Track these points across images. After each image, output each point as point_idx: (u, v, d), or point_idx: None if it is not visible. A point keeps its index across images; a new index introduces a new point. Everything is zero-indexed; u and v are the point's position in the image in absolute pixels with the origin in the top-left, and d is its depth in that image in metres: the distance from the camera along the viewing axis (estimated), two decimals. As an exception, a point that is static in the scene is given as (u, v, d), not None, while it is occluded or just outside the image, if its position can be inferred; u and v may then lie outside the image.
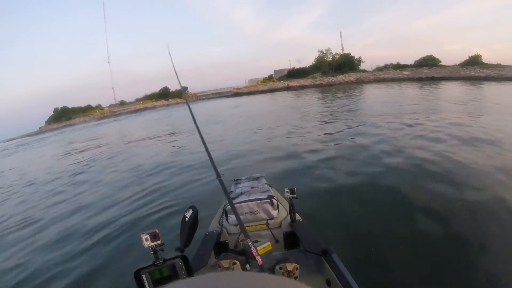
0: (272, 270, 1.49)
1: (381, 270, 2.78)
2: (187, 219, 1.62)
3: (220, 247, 2.13)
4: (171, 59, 3.07)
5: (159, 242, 1.36)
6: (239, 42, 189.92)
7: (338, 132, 9.36)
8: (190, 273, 1.38)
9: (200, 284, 0.38)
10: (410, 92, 22.59)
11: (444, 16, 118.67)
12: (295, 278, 1.47)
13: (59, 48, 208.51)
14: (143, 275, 1.30)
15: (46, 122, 71.82)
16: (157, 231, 1.37)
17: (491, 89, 21.28)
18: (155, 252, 1.35)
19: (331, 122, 11.34)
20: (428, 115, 10.38)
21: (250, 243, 1.49)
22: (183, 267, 1.37)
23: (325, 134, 9.31)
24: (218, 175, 1.93)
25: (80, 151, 15.22)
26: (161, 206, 5.11)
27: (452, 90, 21.80)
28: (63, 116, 68.74)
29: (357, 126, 9.81)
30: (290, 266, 1.47)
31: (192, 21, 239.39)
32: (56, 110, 72.65)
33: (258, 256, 1.39)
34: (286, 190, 2.18)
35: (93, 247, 4.13)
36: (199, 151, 9.16)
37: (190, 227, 1.61)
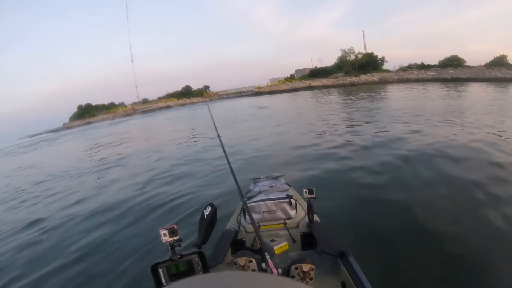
0: (287, 270, 1.51)
1: (398, 277, 2.74)
2: (205, 216, 1.62)
3: (237, 245, 2.16)
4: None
5: (177, 237, 1.39)
6: (260, 40, 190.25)
7: (361, 134, 9.31)
8: (206, 269, 1.40)
9: (200, 284, 0.38)
10: (436, 94, 21.92)
11: (469, 15, 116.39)
12: (311, 279, 1.51)
13: (84, 46, 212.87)
14: (160, 270, 1.33)
15: (70, 118, 73.69)
16: (175, 226, 1.39)
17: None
18: (172, 247, 1.37)
19: (355, 124, 11.30)
20: (458, 121, 9.79)
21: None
22: (200, 263, 1.39)
23: (348, 136, 9.31)
24: (242, 196, 1.92)
25: (102, 147, 15.62)
26: (181, 202, 5.24)
27: (480, 93, 21.15)
28: (86, 113, 70.42)
29: (381, 129, 9.65)
30: (306, 267, 1.49)
31: (212, 19, 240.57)
32: (80, 107, 74.60)
33: (273, 268, 1.35)
34: (304, 190, 2.20)
35: (112, 240, 4.28)
36: (220, 149, 9.11)
37: (208, 224, 1.61)
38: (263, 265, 1.54)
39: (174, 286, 0.39)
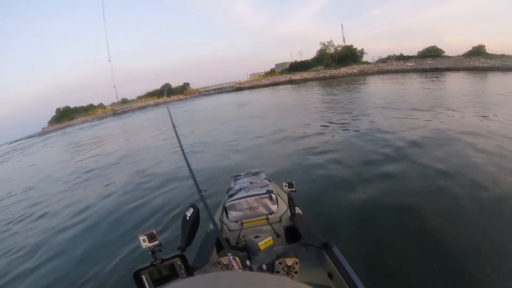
0: (271, 266, 1.50)
1: (381, 262, 2.80)
2: (188, 218, 1.61)
3: (221, 245, 2.06)
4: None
5: (156, 242, 1.37)
6: (240, 36, 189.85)
7: (339, 126, 9.37)
8: (189, 271, 1.40)
9: (200, 284, 0.38)
10: (416, 84, 22.29)
11: (448, 7, 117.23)
12: (296, 272, 1.50)
13: (60, 48, 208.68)
14: (143, 276, 1.32)
15: (48, 122, 71.78)
16: (154, 231, 1.38)
17: (498, 80, 20.97)
18: (153, 252, 1.37)
19: (334, 117, 11.26)
20: (437, 110, 9.87)
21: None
22: (182, 266, 1.39)
23: (326, 127, 9.37)
24: (199, 190, 1.94)
25: (79, 153, 15.16)
26: (162, 205, 5.12)
27: (459, 82, 21.48)
28: (65, 116, 68.57)
29: (360, 121, 9.69)
30: (289, 261, 1.48)
31: (192, 15, 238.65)
32: (58, 110, 72.49)
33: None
34: (284, 184, 2.19)
35: (91, 250, 4.14)
36: (199, 150, 9.18)
37: (191, 226, 1.60)
38: (247, 262, 1.56)
39: (174, 286, 0.39)
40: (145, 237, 1.35)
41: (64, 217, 5.77)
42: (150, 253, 1.36)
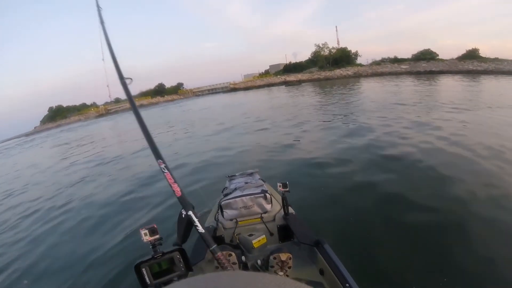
0: (266, 261, 1.57)
1: (372, 259, 2.83)
2: (183, 216, 1.62)
3: (217, 242, 2.05)
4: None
5: (157, 236, 1.40)
6: (234, 37, 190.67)
7: (333, 126, 9.44)
8: (188, 265, 1.42)
9: (200, 283, 0.38)
10: (409, 86, 22.37)
11: (442, 10, 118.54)
12: (289, 267, 1.56)
13: (53, 46, 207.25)
14: (143, 269, 1.34)
15: (41, 121, 71.04)
16: (155, 226, 1.41)
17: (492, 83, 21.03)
18: (154, 246, 1.39)
19: (328, 117, 11.23)
20: (426, 111, 10.14)
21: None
22: (181, 260, 1.41)
23: (321, 128, 9.40)
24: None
25: (74, 151, 14.98)
26: (159, 202, 5.10)
27: (453, 85, 21.57)
28: (58, 115, 67.85)
29: (352, 121, 9.78)
30: (283, 256, 1.54)
31: (185, 16, 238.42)
32: (51, 109, 71.75)
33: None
34: (278, 184, 2.25)
35: (94, 243, 4.14)
36: (195, 149, 9.12)
37: (187, 223, 1.61)
38: (243, 258, 1.67)
39: (174, 286, 0.39)
40: (146, 231, 1.38)
41: (64, 210, 5.83)
42: (151, 246, 1.38)
